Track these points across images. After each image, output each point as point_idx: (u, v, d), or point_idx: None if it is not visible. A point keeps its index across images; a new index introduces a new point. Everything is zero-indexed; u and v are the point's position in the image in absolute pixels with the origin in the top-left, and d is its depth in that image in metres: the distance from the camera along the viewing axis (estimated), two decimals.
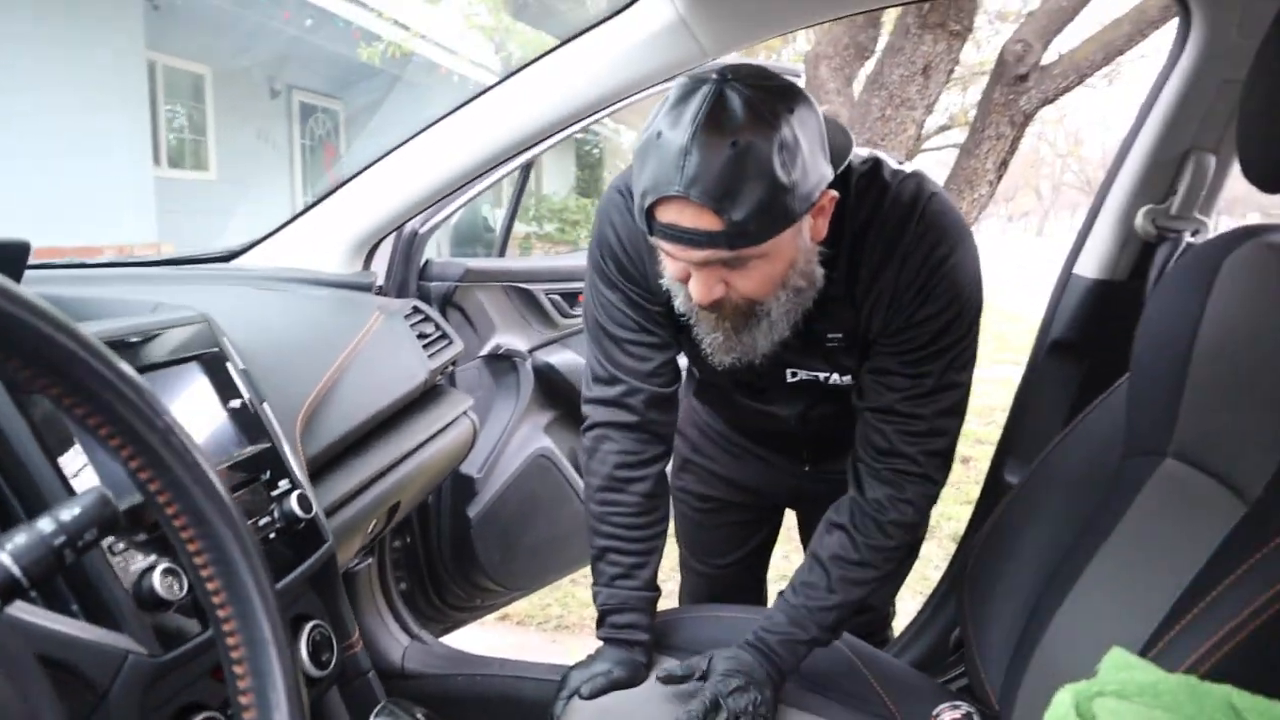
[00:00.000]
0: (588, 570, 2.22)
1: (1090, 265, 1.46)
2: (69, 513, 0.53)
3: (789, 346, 1.12)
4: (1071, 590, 1.12)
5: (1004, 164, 3.84)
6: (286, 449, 0.90)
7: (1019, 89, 3.61)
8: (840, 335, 1.14)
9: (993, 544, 1.31)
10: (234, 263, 1.60)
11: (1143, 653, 0.89)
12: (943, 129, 11.10)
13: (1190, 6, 1.23)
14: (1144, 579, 1.03)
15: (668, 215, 0.93)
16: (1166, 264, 1.33)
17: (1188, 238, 1.33)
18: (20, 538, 0.51)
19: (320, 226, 1.56)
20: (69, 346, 0.42)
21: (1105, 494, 1.15)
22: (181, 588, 0.67)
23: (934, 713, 1.20)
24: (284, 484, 0.86)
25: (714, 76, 0.92)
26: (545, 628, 2.85)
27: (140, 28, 6.21)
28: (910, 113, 3.84)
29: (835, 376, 1.19)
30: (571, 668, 1.23)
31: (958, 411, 1.14)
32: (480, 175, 1.49)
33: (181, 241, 6.55)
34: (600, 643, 1.25)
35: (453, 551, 1.81)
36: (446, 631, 1.96)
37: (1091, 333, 1.47)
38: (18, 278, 0.95)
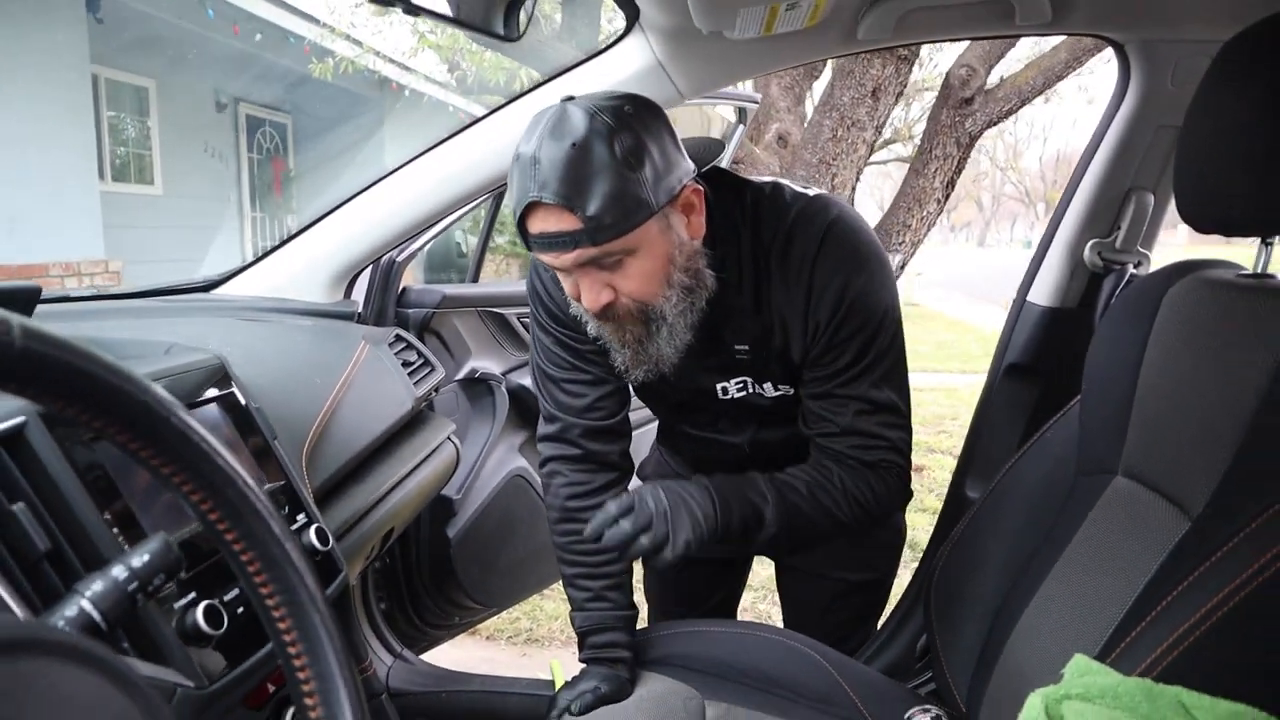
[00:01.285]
0: (559, 584, 2.26)
1: (1042, 294, 1.56)
2: (139, 559, 0.57)
3: (702, 359, 1.17)
4: (1032, 599, 1.20)
5: (951, 183, 3.99)
6: (299, 483, 0.94)
7: (965, 111, 3.75)
8: (746, 347, 1.19)
9: (957, 556, 1.39)
10: (214, 292, 1.62)
11: (1100, 657, 0.96)
12: (887, 143, 11.39)
13: (1130, 60, 1.33)
14: (1099, 588, 1.11)
15: (535, 225, 0.99)
16: (1113, 293, 1.43)
17: (1131, 269, 1.43)
18: (98, 584, 0.55)
19: (302, 257, 1.59)
20: (174, 422, 0.47)
21: (1061, 508, 1.23)
22: (221, 624, 0.71)
23: (906, 716, 1.28)
24: (301, 518, 0.90)
25: (560, 100, 1.01)
26: (515, 641, 2.89)
27: (85, 40, 6.10)
28: (861, 133, 3.96)
29: (763, 386, 1.23)
30: (559, 690, 1.27)
31: (897, 406, 1.19)
32: (462, 207, 1.54)
33: (129, 258, 6.43)
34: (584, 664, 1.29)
35: (432, 571, 1.84)
36: (423, 650, 1.99)
37: (1044, 357, 1.56)
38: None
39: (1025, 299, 1.58)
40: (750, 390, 1.23)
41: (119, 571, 0.55)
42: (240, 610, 0.75)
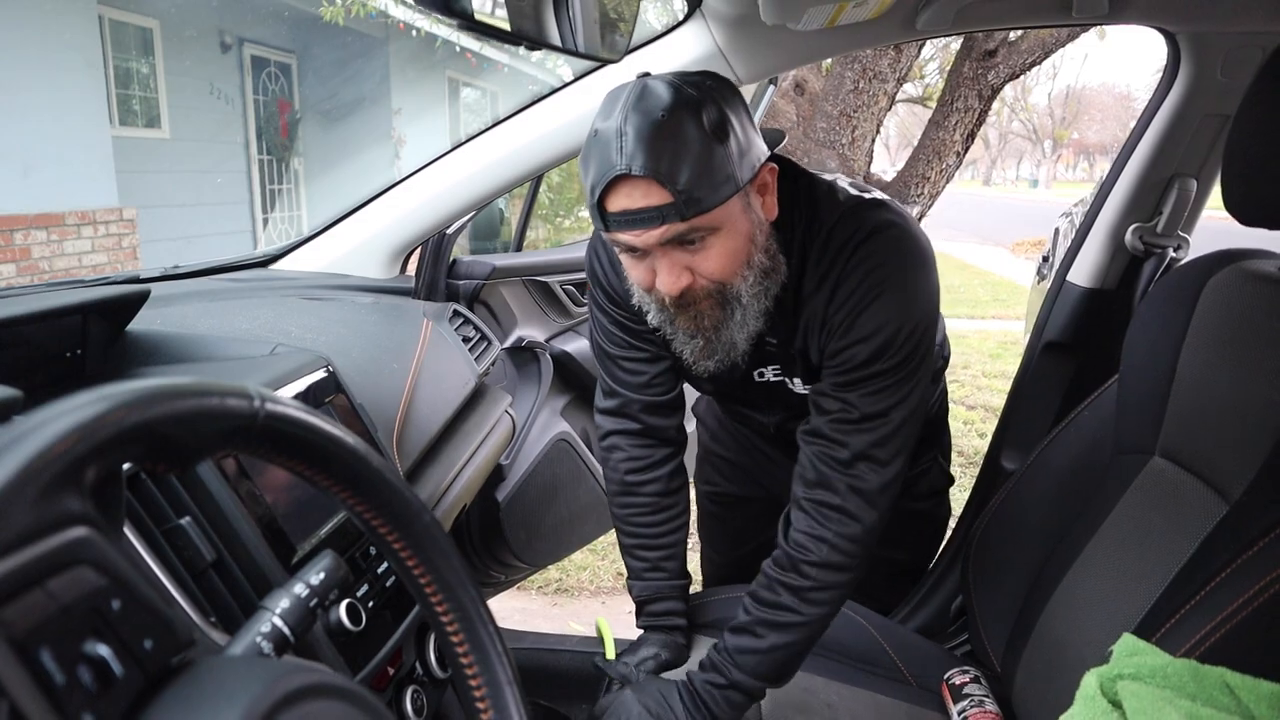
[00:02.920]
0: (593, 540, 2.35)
1: (1082, 275, 1.60)
2: (316, 577, 0.63)
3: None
4: (1069, 570, 1.26)
5: (971, 135, 3.97)
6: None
7: (987, 64, 3.73)
8: (775, 341, 1.18)
9: (995, 525, 1.46)
10: (273, 268, 1.66)
11: (1139, 631, 1.03)
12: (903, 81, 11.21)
13: (1180, 49, 1.36)
14: (1134, 564, 1.17)
15: (618, 202, 0.95)
16: (1153, 277, 1.47)
17: (1171, 253, 1.47)
18: (285, 601, 0.61)
19: (360, 233, 1.62)
20: (380, 474, 0.52)
21: (1098, 485, 1.29)
22: (360, 621, 0.77)
23: (945, 676, 1.36)
24: None
25: (636, 77, 0.99)
26: (545, 591, 2.99)
27: None
28: (882, 85, 3.95)
29: (794, 381, 1.23)
30: (619, 655, 1.35)
31: (886, 446, 1.11)
32: (519, 185, 1.57)
33: (142, 204, 6.41)
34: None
35: (481, 533, 1.92)
36: None
37: (1082, 336, 1.61)
38: (128, 321, 1.03)
39: (1065, 279, 1.62)
40: (784, 379, 1.25)
41: (300, 589, 0.61)
42: (371, 604, 0.82)
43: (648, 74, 0.99)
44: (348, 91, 9.12)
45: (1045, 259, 1.71)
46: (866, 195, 1.12)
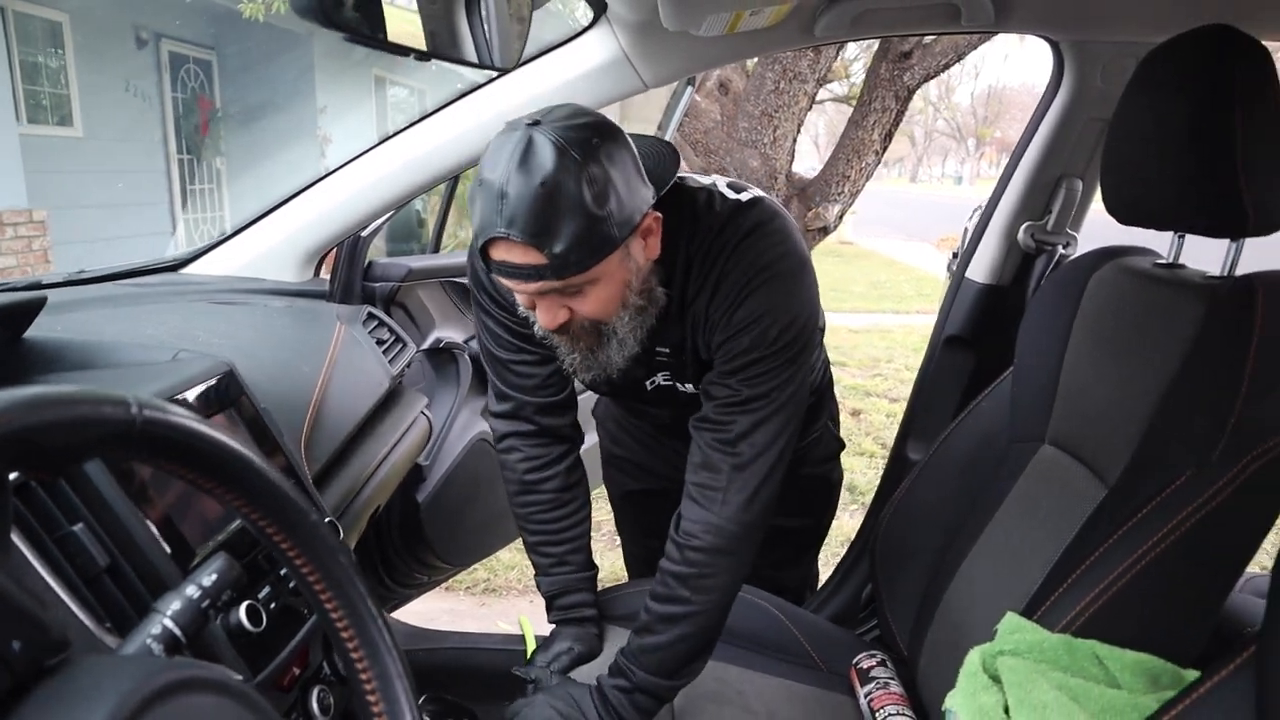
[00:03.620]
0: (519, 539, 2.39)
1: (979, 272, 1.68)
2: (208, 579, 0.64)
3: (635, 359, 1.18)
4: (967, 555, 1.32)
5: (889, 135, 4.08)
6: (308, 482, 1.00)
7: (903, 66, 3.83)
8: (667, 350, 1.22)
9: (900, 514, 1.52)
10: (183, 272, 1.64)
11: (1027, 611, 1.09)
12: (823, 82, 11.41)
13: (1064, 56, 1.43)
14: (1026, 547, 1.23)
15: (498, 254, 0.99)
16: (1044, 273, 1.55)
17: (1061, 250, 1.55)
18: (176, 603, 0.62)
19: (272, 236, 1.61)
20: (263, 475, 0.53)
21: (994, 472, 1.35)
22: (261, 622, 0.78)
23: (854, 661, 1.41)
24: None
25: (525, 123, 0.98)
26: (474, 591, 2.99)
27: None
28: (802, 85, 4.03)
29: (685, 386, 1.27)
30: (534, 652, 1.36)
31: (769, 424, 1.15)
32: (431, 188, 1.58)
33: (54, 205, 6.18)
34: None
35: (403, 535, 1.92)
36: (394, 609, 2.08)
37: (980, 330, 1.69)
38: (24, 328, 1.01)
39: (964, 276, 1.69)
40: (674, 384, 1.29)
41: (192, 590, 0.62)
42: (273, 605, 0.82)
43: (537, 123, 0.98)
44: (270, 89, 8.91)
45: (955, 255, 1.77)
46: (744, 197, 1.16)
